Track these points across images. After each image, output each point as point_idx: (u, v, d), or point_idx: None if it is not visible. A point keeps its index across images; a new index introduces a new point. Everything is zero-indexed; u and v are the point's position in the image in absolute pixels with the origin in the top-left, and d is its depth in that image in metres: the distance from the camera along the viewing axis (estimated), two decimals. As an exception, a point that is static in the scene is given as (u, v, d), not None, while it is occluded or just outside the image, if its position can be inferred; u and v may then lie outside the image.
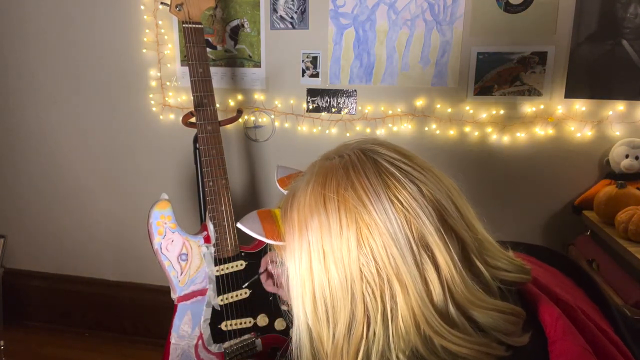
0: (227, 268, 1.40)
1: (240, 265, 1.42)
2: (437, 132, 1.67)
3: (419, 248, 0.51)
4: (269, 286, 0.99)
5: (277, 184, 0.81)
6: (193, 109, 1.39)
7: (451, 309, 0.51)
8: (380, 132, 1.72)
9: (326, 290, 0.54)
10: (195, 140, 1.49)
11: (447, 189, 0.56)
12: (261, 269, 1.02)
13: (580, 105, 1.56)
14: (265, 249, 1.44)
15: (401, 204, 0.52)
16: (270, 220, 0.65)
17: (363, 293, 0.52)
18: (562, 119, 1.57)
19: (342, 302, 0.53)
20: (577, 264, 0.72)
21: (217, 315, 1.40)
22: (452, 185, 0.58)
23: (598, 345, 0.55)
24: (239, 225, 0.66)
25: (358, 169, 0.54)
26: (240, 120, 1.78)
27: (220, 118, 1.44)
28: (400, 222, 0.51)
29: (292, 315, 0.60)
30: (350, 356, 0.53)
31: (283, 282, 0.62)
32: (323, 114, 1.75)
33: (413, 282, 0.51)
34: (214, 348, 1.40)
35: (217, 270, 1.39)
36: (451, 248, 0.52)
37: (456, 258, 0.52)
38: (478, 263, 0.54)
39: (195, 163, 1.52)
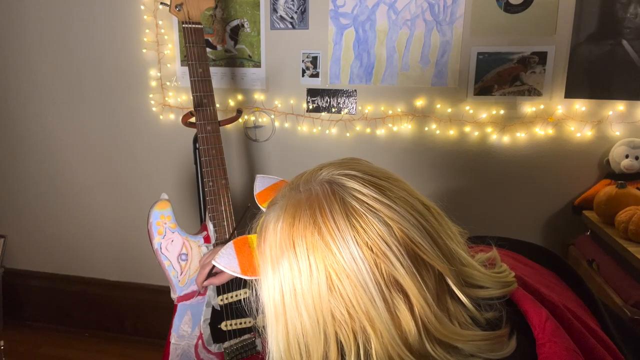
0: (227, 268, 1.40)
1: (240, 265, 1.41)
2: (437, 132, 1.67)
3: (391, 290, 0.50)
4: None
5: (256, 198, 0.79)
6: (193, 109, 1.39)
7: (428, 346, 0.51)
8: (380, 132, 1.72)
9: (298, 329, 0.54)
10: (195, 140, 1.49)
11: (421, 218, 0.53)
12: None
13: (580, 105, 1.56)
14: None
15: (370, 248, 0.50)
16: (246, 252, 0.64)
17: (336, 334, 0.52)
18: (562, 119, 1.57)
19: (314, 341, 0.53)
20: (562, 260, 0.72)
21: (217, 315, 1.40)
22: (430, 210, 0.56)
23: (586, 346, 0.55)
24: (214, 262, 0.66)
25: (325, 210, 0.52)
26: (240, 120, 1.78)
27: (220, 118, 1.44)
28: (369, 267, 0.50)
29: (266, 343, 0.60)
30: None
31: (259, 311, 0.61)
32: (323, 114, 1.75)
33: (385, 327, 0.50)
34: (214, 348, 1.40)
35: (217, 270, 1.39)
36: (425, 287, 0.51)
37: (430, 298, 0.51)
38: (458, 292, 0.53)
39: (195, 163, 1.52)
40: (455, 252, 0.55)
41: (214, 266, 1.02)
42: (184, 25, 1.38)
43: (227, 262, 0.64)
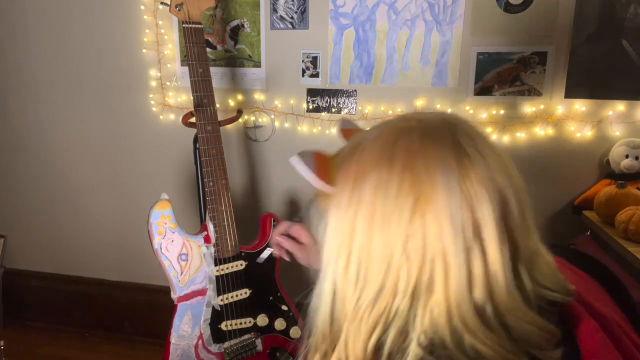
0: (227, 268, 1.40)
1: (240, 265, 1.42)
2: (437, 132, 1.67)
3: (473, 236, 0.48)
4: (283, 254, 0.96)
5: (340, 133, 0.71)
6: (193, 109, 1.39)
7: (488, 309, 0.48)
8: (380, 132, 1.71)
9: (363, 253, 0.50)
10: (195, 140, 1.49)
11: (517, 187, 0.52)
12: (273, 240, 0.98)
13: (580, 105, 1.56)
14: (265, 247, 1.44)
15: (468, 187, 0.48)
16: (324, 163, 0.58)
17: (400, 265, 0.49)
18: (562, 119, 1.57)
19: (376, 268, 0.50)
20: (606, 267, 0.68)
21: (217, 315, 1.40)
22: (523, 186, 0.54)
23: None
24: (292, 160, 0.59)
25: (435, 137, 0.50)
26: (240, 120, 1.78)
27: (220, 118, 1.44)
28: (462, 205, 0.48)
29: (319, 269, 0.55)
30: (369, 324, 0.50)
31: (319, 235, 0.56)
32: (323, 114, 1.75)
33: (458, 269, 0.47)
34: (214, 348, 1.40)
35: (217, 270, 1.39)
36: (503, 249, 0.48)
37: (507, 258, 0.48)
38: (524, 275, 0.50)
39: (195, 163, 1.52)
40: (531, 234, 0.53)
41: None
42: (184, 25, 1.38)
43: (306, 162, 0.57)
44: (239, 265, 1.42)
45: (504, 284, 0.48)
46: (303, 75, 1.74)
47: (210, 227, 1.39)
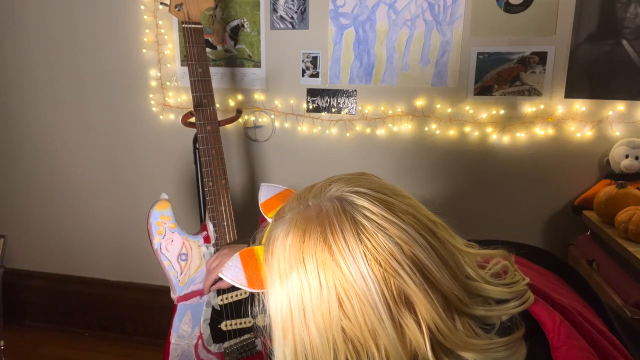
0: (227, 268, 1.40)
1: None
2: (437, 132, 1.67)
3: (400, 308, 0.51)
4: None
5: (261, 208, 0.79)
6: (193, 109, 1.39)
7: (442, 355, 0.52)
8: (380, 132, 1.71)
9: (307, 343, 0.54)
10: (195, 140, 1.49)
11: (430, 236, 0.54)
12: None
13: (580, 105, 1.56)
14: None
15: (380, 264, 0.51)
16: (252, 264, 0.64)
17: (346, 349, 0.52)
18: (562, 119, 1.57)
19: (323, 356, 0.53)
20: (564, 262, 0.72)
21: (217, 315, 1.40)
22: (437, 226, 0.56)
23: (599, 348, 0.55)
24: (221, 275, 0.66)
25: (335, 228, 0.53)
26: (240, 120, 1.78)
27: (220, 118, 1.44)
28: (378, 285, 0.51)
29: (272, 354, 0.60)
30: None
31: (266, 323, 0.62)
32: (323, 114, 1.75)
33: (391, 345, 0.51)
34: (214, 348, 1.40)
35: (217, 270, 1.39)
36: (435, 302, 0.51)
37: (441, 312, 0.51)
38: (465, 310, 0.54)
39: (195, 163, 1.52)
40: (462, 268, 0.55)
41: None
42: (183, 25, 1.38)
43: (234, 274, 0.64)
44: (239, 265, 1.41)
45: (447, 330, 0.51)
46: (303, 75, 1.74)
47: (210, 227, 1.39)
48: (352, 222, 0.53)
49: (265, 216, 0.77)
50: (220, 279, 1.13)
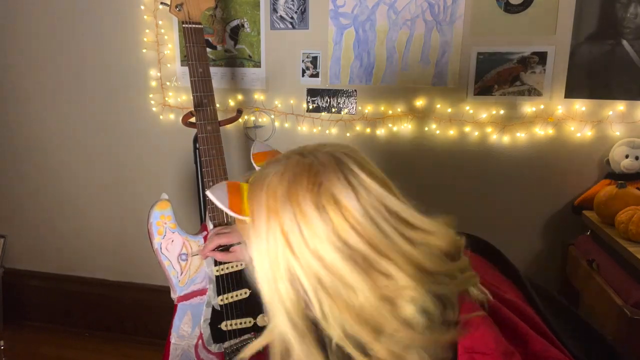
0: (227, 268, 1.40)
1: (240, 265, 1.42)
2: (437, 132, 1.67)
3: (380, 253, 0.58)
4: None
5: (252, 157, 0.84)
6: (193, 109, 1.39)
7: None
8: (380, 132, 1.72)
9: (294, 278, 0.59)
10: (195, 140, 1.49)
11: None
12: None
13: (580, 105, 1.56)
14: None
15: (371, 206, 0.58)
16: (236, 193, 0.67)
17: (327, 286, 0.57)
18: (562, 119, 1.57)
19: (294, 284, 0.59)
20: (488, 243, 0.79)
21: (217, 315, 1.40)
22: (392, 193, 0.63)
23: (509, 325, 0.62)
24: (207, 192, 0.70)
25: (330, 175, 0.59)
26: (240, 120, 1.78)
27: (220, 118, 1.44)
28: (371, 219, 0.58)
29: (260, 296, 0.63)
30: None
31: (246, 260, 0.65)
32: (323, 114, 1.75)
33: (361, 289, 0.56)
34: (214, 348, 1.40)
35: (217, 270, 1.39)
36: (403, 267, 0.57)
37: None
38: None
39: (195, 163, 1.52)
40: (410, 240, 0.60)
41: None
42: (184, 25, 1.38)
43: (218, 196, 0.66)
44: (239, 265, 1.42)
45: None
46: (303, 75, 1.74)
47: (210, 227, 1.39)
48: (346, 172, 0.60)
49: (255, 165, 0.82)
50: (220, 249, 1.22)
